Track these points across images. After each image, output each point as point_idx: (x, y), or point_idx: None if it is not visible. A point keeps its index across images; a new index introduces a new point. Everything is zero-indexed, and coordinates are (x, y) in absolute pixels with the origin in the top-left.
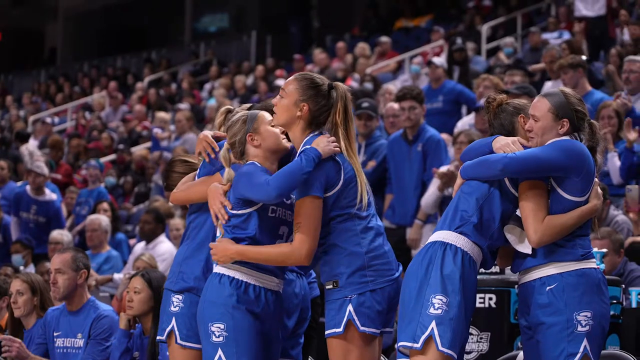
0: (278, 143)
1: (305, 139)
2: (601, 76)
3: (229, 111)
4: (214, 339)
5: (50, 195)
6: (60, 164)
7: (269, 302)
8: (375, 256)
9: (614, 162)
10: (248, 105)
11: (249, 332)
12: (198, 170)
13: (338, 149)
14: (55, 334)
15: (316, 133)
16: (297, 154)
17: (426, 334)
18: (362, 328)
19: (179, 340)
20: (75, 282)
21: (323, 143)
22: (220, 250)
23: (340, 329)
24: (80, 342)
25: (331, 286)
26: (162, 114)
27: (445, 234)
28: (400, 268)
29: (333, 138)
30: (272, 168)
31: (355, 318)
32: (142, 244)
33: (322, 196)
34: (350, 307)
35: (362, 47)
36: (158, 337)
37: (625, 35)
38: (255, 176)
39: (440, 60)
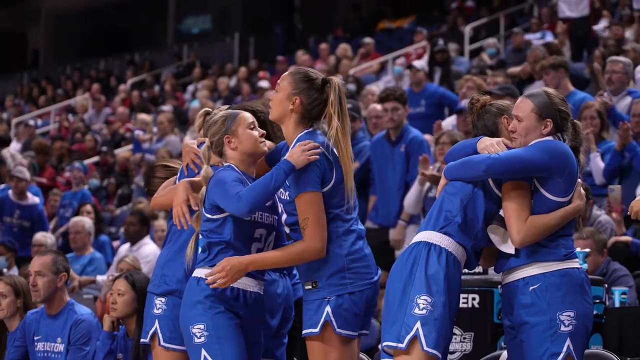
0: (255, 147)
1: (298, 136)
2: (587, 76)
3: (207, 113)
4: (196, 340)
5: (33, 199)
6: (45, 168)
7: (248, 303)
8: (355, 259)
9: (597, 163)
10: (226, 107)
11: (229, 328)
12: (178, 175)
13: (315, 156)
14: (35, 338)
15: (310, 130)
16: (289, 148)
17: (411, 334)
18: (338, 330)
19: (162, 343)
20: (55, 285)
21: (297, 153)
22: (231, 269)
23: (317, 330)
24: (60, 347)
25: (310, 287)
26: (143, 116)
27: (429, 234)
28: (379, 272)
29: (312, 145)
30: (249, 170)
31: (333, 320)
32: (127, 245)
33: (321, 190)
34: (328, 309)
35: (344, 48)
36: (142, 340)
37: (602, 23)
38: (229, 187)
39: (421, 63)
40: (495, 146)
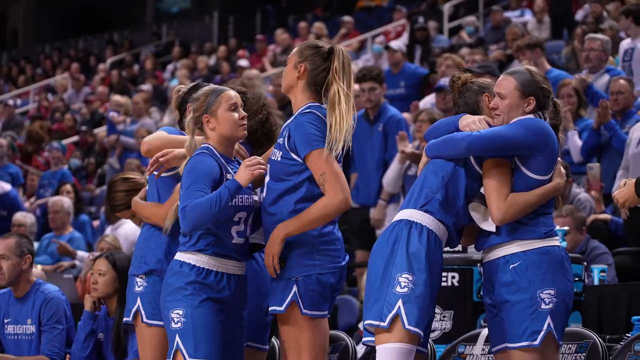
0: (232, 131)
1: (303, 106)
2: (555, 59)
3: (179, 90)
4: (173, 325)
5: (3, 187)
6: (33, 157)
7: (231, 286)
8: (326, 241)
9: (574, 141)
10: (193, 84)
11: (207, 318)
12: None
13: (259, 171)
14: (5, 321)
15: (316, 104)
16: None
17: (393, 312)
18: (304, 311)
19: (145, 319)
20: (20, 268)
21: (241, 171)
22: (271, 249)
23: (282, 308)
24: (31, 328)
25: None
26: (117, 97)
27: (410, 212)
28: (347, 258)
29: (256, 160)
30: (227, 152)
31: (300, 300)
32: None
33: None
34: (295, 288)
35: (318, 26)
36: (125, 319)
37: (583, 11)
38: (189, 189)
39: (398, 43)
40: (477, 123)
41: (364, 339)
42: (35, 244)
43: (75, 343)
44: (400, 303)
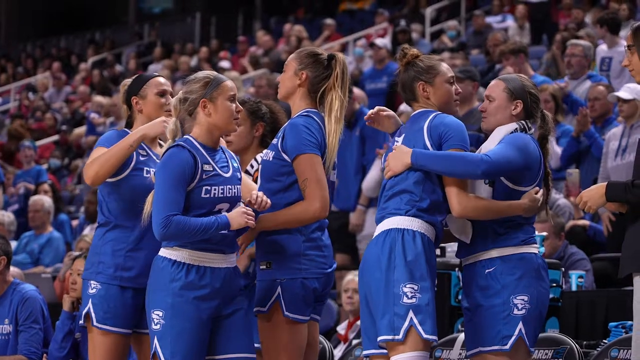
0: (227, 122)
1: (301, 111)
2: (536, 65)
3: (125, 85)
4: (153, 326)
5: None
6: (15, 157)
7: (216, 280)
8: (313, 247)
9: (553, 147)
10: (135, 75)
11: (186, 321)
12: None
13: (252, 223)
14: None
15: (314, 110)
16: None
17: (406, 324)
18: (286, 313)
19: (94, 323)
20: None
21: (237, 213)
22: (245, 236)
23: (265, 309)
24: (8, 328)
25: (264, 267)
26: (99, 98)
27: (398, 220)
28: (335, 266)
29: (252, 214)
30: (212, 142)
31: (282, 302)
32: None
33: (320, 154)
34: (279, 290)
35: (298, 29)
36: (80, 322)
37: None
38: (165, 190)
39: (383, 41)
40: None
41: (364, 352)
42: (14, 243)
43: (53, 343)
44: (411, 314)
